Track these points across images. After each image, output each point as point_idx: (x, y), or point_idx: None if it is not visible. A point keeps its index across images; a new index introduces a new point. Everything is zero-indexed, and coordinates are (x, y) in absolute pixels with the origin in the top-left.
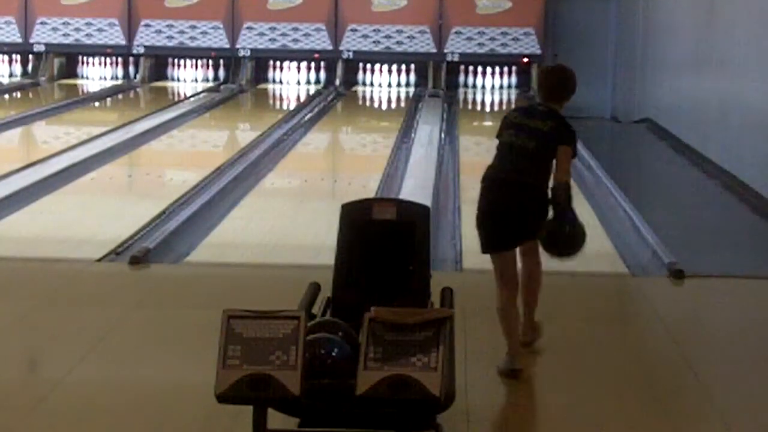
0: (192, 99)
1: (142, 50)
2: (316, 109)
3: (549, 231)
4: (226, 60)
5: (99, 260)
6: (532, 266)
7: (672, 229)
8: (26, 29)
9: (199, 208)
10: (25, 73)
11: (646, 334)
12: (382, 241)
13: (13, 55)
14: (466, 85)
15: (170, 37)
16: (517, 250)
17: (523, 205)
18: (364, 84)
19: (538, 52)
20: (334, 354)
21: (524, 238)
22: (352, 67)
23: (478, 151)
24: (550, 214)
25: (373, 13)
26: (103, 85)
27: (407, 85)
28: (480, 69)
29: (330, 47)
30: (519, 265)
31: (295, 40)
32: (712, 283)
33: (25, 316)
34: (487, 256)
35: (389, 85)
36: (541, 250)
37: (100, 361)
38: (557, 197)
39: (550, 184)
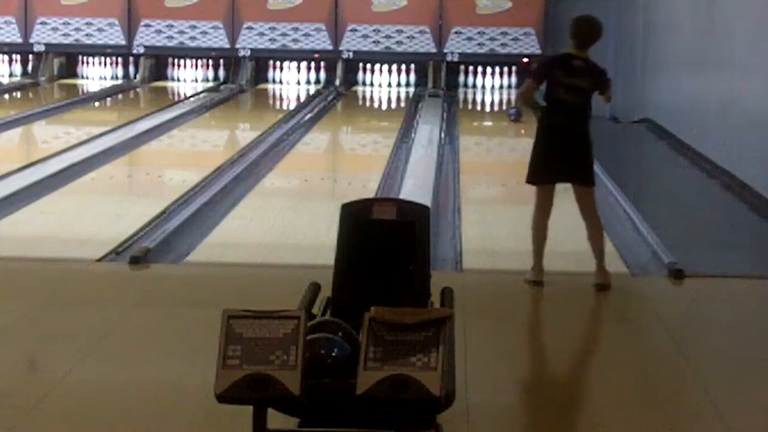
0: (192, 99)
1: (142, 50)
2: (316, 109)
3: None
4: (226, 60)
5: (99, 260)
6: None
7: (672, 229)
8: (26, 29)
9: (199, 208)
10: (25, 73)
11: (646, 334)
12: (382, 241)
13: (13, 55)
14: (466, 85)
15: (170, 37)
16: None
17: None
18: (364, 84)
19: (538, 52)
20: (334, 354)
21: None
22: (352, 67)
23: (478, 151)
24: None
25: (373, 13)
26: (103, 85)
27: (407, 85)
28: (480, 69)
29: (330, 47)
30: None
31: (295, 40)
32: (712, 283)
33: (25, 316)
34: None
35: (389, 85)
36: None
37: (100, 361)
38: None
39: None
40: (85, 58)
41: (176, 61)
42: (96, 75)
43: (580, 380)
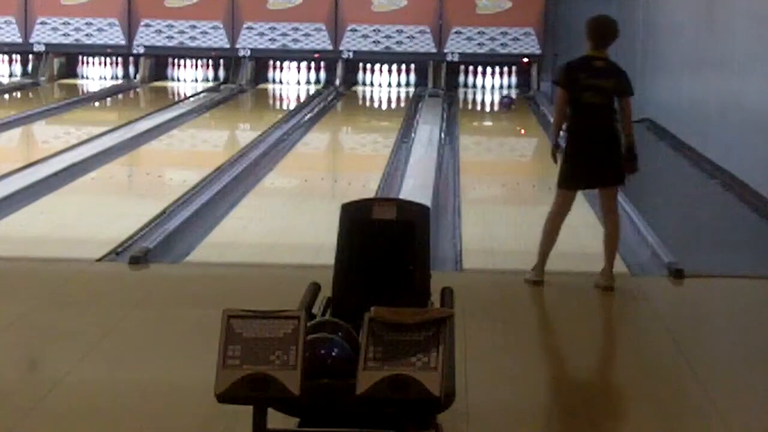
0: (192, 99)
1: (142, 50)
2: (316, 109)
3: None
4: (226, 60)
5: (99, 260)
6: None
7: (672, 229)
8: (26, 29)
9: (199, 208)
10: (25, 73)
11: (646, 334)
12: (382, 241)
13: (13, 55)
14: (466, 85)
15: (170, 37)
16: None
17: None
18: (364, 84)
19: (538, 52)
20: (334, 354)
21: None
22: (352, 67)
23: (478, 151)
24: None
25: (373, 13)
26: (103, 85)
27: (407, 85)
28: (480, 69)
29: (330, 47)
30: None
31: (295, 40)
32: (712, 283)
33: (25, 316)
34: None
35: (389, 85)
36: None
37: (100, 361)
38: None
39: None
40: (85, 58)
41: (176, 61)
42: (96, 75)
43: (579, 380)
